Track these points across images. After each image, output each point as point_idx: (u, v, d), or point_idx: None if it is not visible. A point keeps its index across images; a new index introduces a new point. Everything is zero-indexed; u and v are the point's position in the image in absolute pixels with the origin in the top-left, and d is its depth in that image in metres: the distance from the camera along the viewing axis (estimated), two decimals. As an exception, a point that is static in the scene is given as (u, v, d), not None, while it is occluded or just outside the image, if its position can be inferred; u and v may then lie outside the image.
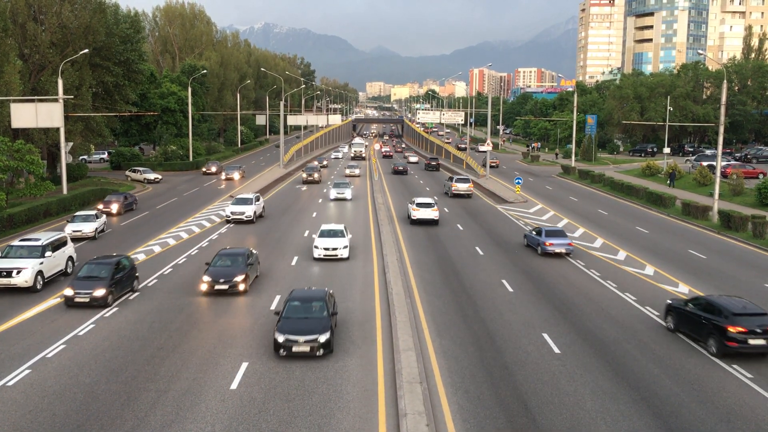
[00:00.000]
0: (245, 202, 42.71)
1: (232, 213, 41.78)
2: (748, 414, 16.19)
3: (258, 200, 43.98)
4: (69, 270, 28.43)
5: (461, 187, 56.90)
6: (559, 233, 34.69)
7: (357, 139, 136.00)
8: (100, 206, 43.74)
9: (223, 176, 67.93)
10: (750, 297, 26.49)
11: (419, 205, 43.10)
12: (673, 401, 16.77)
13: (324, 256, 31.22)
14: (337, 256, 31.22)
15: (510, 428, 15.29)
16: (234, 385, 17.21)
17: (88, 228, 36.29)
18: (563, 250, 33.50)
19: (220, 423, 15.24)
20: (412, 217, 42.92)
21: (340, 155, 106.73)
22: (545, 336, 21.35)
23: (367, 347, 20.16)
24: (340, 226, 33.33)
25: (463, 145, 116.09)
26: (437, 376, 18.10)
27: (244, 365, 18.47)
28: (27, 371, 18.04)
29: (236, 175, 66.93)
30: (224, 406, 16.04)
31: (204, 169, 72.92)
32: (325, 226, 33.48)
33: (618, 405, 16.46)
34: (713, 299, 21.16)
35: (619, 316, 23.77)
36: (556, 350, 20.12)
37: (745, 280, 29.41)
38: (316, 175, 66.17)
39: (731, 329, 19.27)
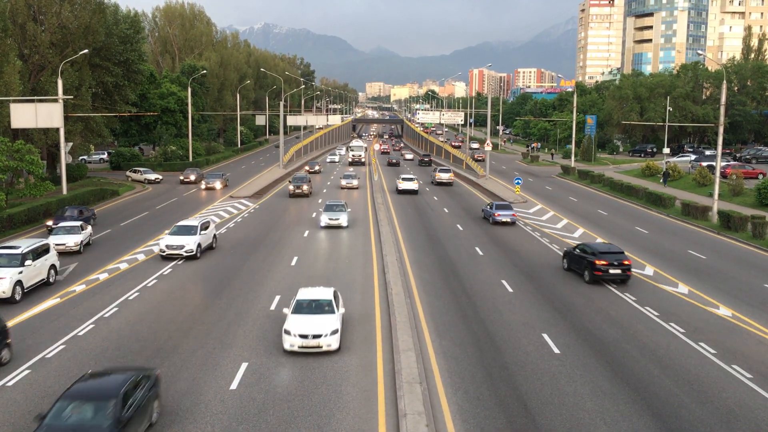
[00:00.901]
0: (187, 231, 32.41)
1: (167, 247, 31.56)
2: (748, 414, 16.21)
3: (206, 228, 33.73)
4: (51, 279, 26.61)
5: (443, 176, 65.94)
6: (506, 207, 43.82)
7: (355, 142, 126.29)
8: (49, 223, 37.38)
9: (203, 185, 60.26)
10: (750, 297, 26.66)
11: (404, 179, 58.24)
12: (672, 402, 16.80)
13: (299, 348, 19.08)
14: (321, 348, 19.11)
15: (509, 429, 15.31)
16: (234, 385, 17.24)
17: (72, 241, 32.49)
18: (508, 219, 42.37)
19: (220, 423, 15.26)
20: (399, 188, 57.76)
21: (336, 158, 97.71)
22: (545, 336, 21.37)
23: None
24: (328, 293, 21.04)
25: (456, 143, 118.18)
26: (437, 376, 18.11)
27: (244, 365, 18.48)
28: (27, 371, 18.08)
29: (218, 185, 60.02)
30: (224, 406, 16.08)
31: (181, 177, 64.35)
32: (303, 293, 21.09)
33: (617, 405, 16.48)
34: (589, 244, 29.67)
35: (618, 316, 23.82)
36: (556, 350, 20.14)
37: (744, 281, 29.42)
38: (305, 188, 55.63)
39: (597, 262, 27.50)
